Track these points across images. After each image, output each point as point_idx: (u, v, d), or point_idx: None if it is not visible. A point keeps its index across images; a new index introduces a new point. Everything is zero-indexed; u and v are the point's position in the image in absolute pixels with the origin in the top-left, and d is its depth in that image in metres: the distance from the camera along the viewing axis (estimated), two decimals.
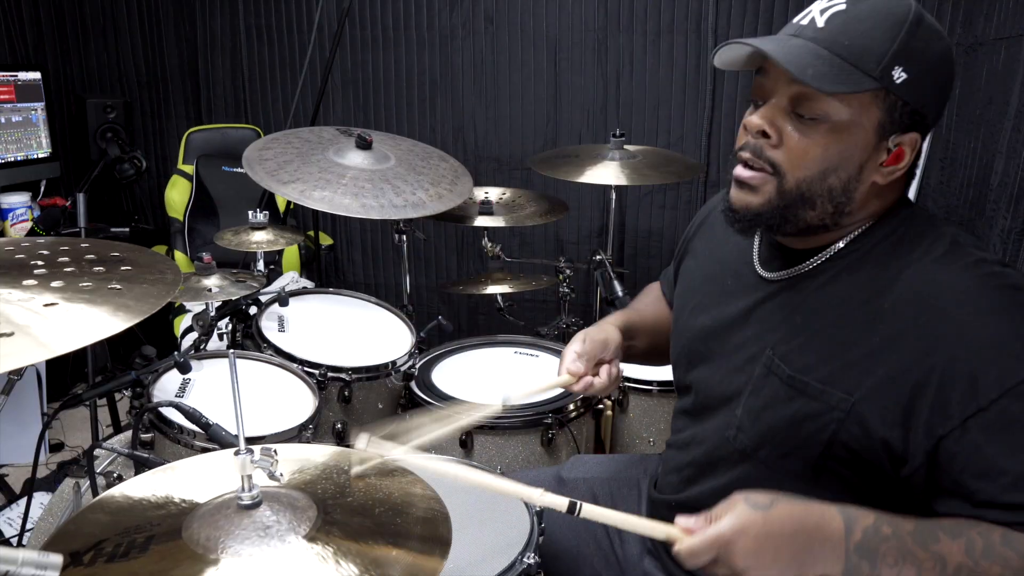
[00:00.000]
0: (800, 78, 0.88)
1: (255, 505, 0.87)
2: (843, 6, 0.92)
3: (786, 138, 0.94)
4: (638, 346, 1.32)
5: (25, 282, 0.84)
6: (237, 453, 0.87)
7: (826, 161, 0.92)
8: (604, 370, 1.23)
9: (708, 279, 1.19)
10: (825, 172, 0.93)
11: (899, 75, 0.89)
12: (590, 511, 0.94)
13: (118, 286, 0.87)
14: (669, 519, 1.17)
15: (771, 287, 1.05)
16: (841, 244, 0.99)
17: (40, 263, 0.89)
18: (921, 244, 0.94)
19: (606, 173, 2.26)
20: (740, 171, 0.98)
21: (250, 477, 0.88)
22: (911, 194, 1.05)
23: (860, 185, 0.94)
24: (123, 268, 0.92)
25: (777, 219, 0.97)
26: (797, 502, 0.88)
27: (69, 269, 0.89)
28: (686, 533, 0.89)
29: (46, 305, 0.80)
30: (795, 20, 0.96)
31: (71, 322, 0.78)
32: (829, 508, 0.87)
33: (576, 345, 1.22)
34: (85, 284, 0.86)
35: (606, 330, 1.26)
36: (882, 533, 0.85)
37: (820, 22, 0.92)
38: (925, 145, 1.01)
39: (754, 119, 0.96)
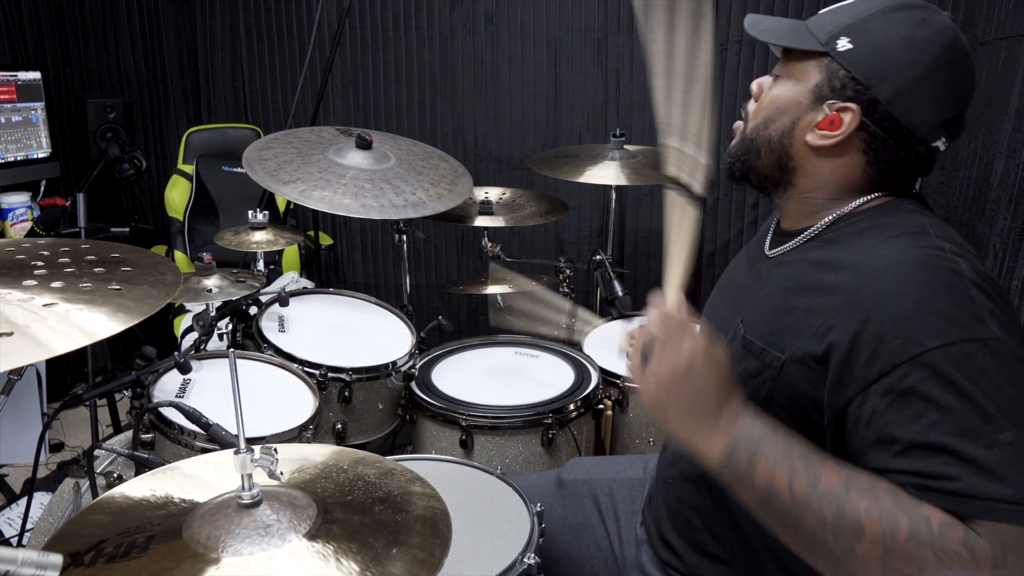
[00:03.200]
0: (752, 33, 1.06)
1: (255, 504, 0.87)
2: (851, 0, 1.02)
3: (762, 94, 1.08)
4: None
5: (25, 282, 0.84)
6: (237, 452, 0.87)
7: (769, 111, 1.04)
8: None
9: (730, 269, 1.28)
10: (768, 120, 1.04)
11: (843, 44, 0.97)
12: None
13: (118, 287, 0.87)
14: (666, 495, 1.19)
15: (767, 263, 1.11)
16: (821, 224, 1.03)
17: (40, 263, 0.89)
18: (887, 229, 0.96)
19: (606, 173, 2.26)
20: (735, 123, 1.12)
21: (250, 476, 0.88)
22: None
23: (794, 140, 1.02)
24: (123, 269, 0.92)
25: (740, 163, 1.09)
26: (731, 374, 0.92)
27: (69, 270, 0.89)
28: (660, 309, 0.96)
29: (45, 305, 0.80)
30: None
31: (71, 322, 0.78)
32: (745, 399, 0.92)
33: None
34: (85, 285, 0.86)
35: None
36: (775, 436, 0.87)
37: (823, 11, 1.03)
38: None
39: (752, 83, 1.11)
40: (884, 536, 0.78)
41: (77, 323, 0.78)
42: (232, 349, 1.87)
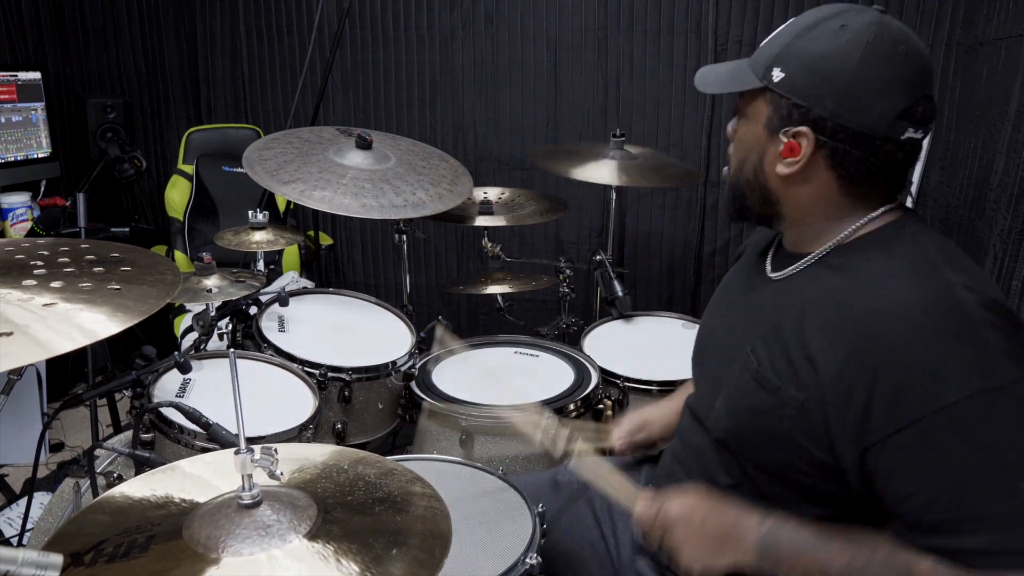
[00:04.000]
0: (700, 88, 1.12)
1: (255, 504, 0.87)
2: (784, 26, 1.04)
3: (736, 131, 1.11)
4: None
5: (25, 282, 0.83)
6: (237, 452, 0.87)
7: (740, 153, 1.09)
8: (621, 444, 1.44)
9: (726, 285, 1.27)
10: (740, 163, 1.08)
11: (777, 74, 0.99)
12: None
13: (118, 287, 0.87)
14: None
15: (771, 286, 1.10)
16: (825, 248, 1.03)
17: (40, 263, 0.89)
18: (895, 258, 0.96)
19: (605, 172, 2.26)
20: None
21: (250, 476, 0.88)
22: (911, 193, 1.07)
23: (767, 175, 1.04)
24: (123, 269, 0.92)
25: (733, 205, 1.12)
26: (723, 502, 1.03)
27: (69, 269, 0.89)
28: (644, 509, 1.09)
29: (45, 305, 0.80)
30: None
31: (70, 322, 0.78)
32: (747, 509, 1.01)
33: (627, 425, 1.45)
34: (85, 284, 0.85)
35: (666, 410, 1.44)
36: (781, 532, 0.97)
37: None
38: (924, 143, 1.01)
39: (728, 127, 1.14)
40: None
41: (77, 323, 0.78)
42: (232, 349, 1.87)
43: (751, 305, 1.12)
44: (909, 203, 2.38)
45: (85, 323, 0.79)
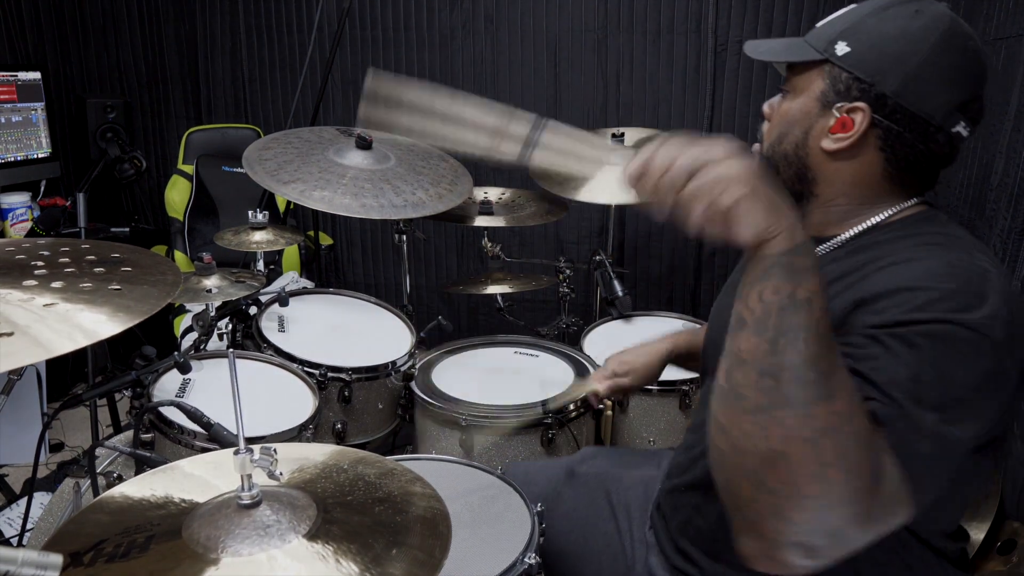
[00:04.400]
0: (752, 55, 1.08)
1: (255, 504, 0.87)
2: (844, 9, 1.03)
3: (773, 114, 1.09)
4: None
5: (25, 282, 0.83)
6: (237, 452, 0.87)
7: (781, 126, 1.05)
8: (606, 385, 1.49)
9: (741, 269, 1.23)
10: (781, 136, 1.05)
11: (841, 48, 0.98)
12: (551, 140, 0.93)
13: (118, 287, 0.87)
14: (676, 504, 1.19)
15: None
16: (850, 233, 1.03)
17: (40, 264, 0.89)
18: (921, 237, 0.96)
19: (604, 184, 2.23)
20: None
21: (250, 476, 0.88)
22: None
23: (809, 149, 1.02)
24: (123, 269, 0.92)
25: None
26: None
27: (69, 270, 0.89)
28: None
29: (46, 305, 0.80)
30: None
31: (71, 323, 0.78)
32: None
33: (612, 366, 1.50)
34: (85, 285, 0.85)
35: (655, 353, 1.52)
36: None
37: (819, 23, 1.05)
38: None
39: (763, 106, 1.11)
40: (845, 414, 0.75)
41: (77, 323, 0.78)
42: (232, 349, 1.87)
43: None
44: None
45: (85, 323, 0.79)
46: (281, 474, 0.89)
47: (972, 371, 0.82)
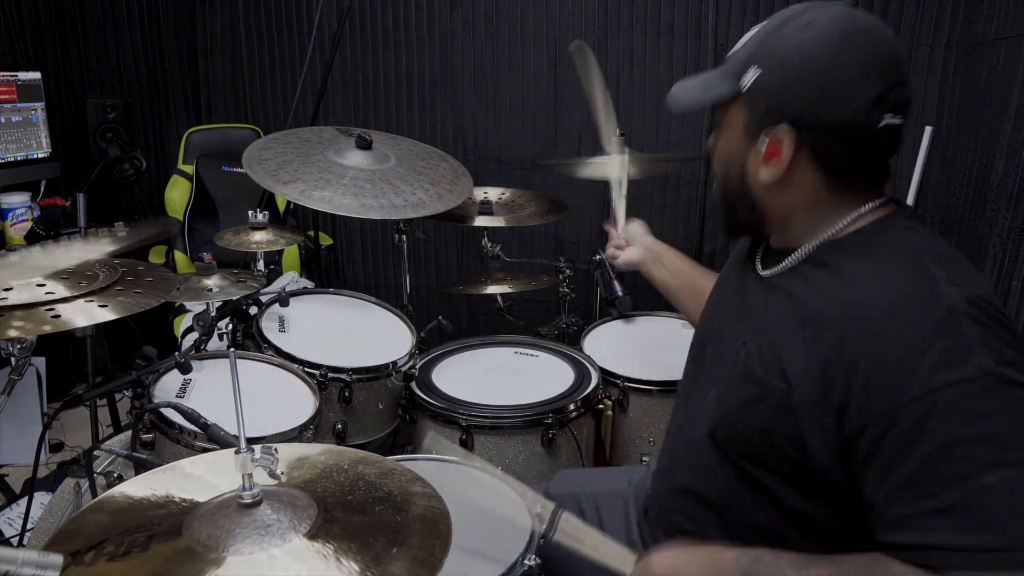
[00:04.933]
0: (674, 108, 1.08)
1: (256, 504, 0.87)
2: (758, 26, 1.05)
3: (712, 152, 1.11)
4: (669, 280, 1.57)
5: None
6: (238, 452, 0.87)
7: (721, 164, 1.08)
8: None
9: (722, 282, 1.27)
10: (724, 176, 1.08)
11: (749, 78, 0.99)
12: (567, 528, 1.12)
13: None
14: (662, 507, 1.21)
15: (763, 284, 1.10)
16: (812, 245, 1.03)
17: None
18: (881, 256, 0.96)
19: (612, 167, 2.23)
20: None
21: (251, 476, 0.88)
22: (911, 194, 1.06)
23: (752, 182, 1.03)
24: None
25: (729, 225, 1.14)
26: (703, 546, 1.02)
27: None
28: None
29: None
30: None
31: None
32: (728, 546, 0.99)
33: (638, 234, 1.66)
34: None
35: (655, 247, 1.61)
36: (763, 558, 0.94)
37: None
38: (924, 145, 1.02)
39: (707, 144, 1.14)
40: None
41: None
42: (232, 349, 1.87)
43: (743, 302, 1.12)
44: (910, 202, 2.38)
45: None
46: (282, 474, 0.89)
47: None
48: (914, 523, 0.83)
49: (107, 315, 1.19)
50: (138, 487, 0.97)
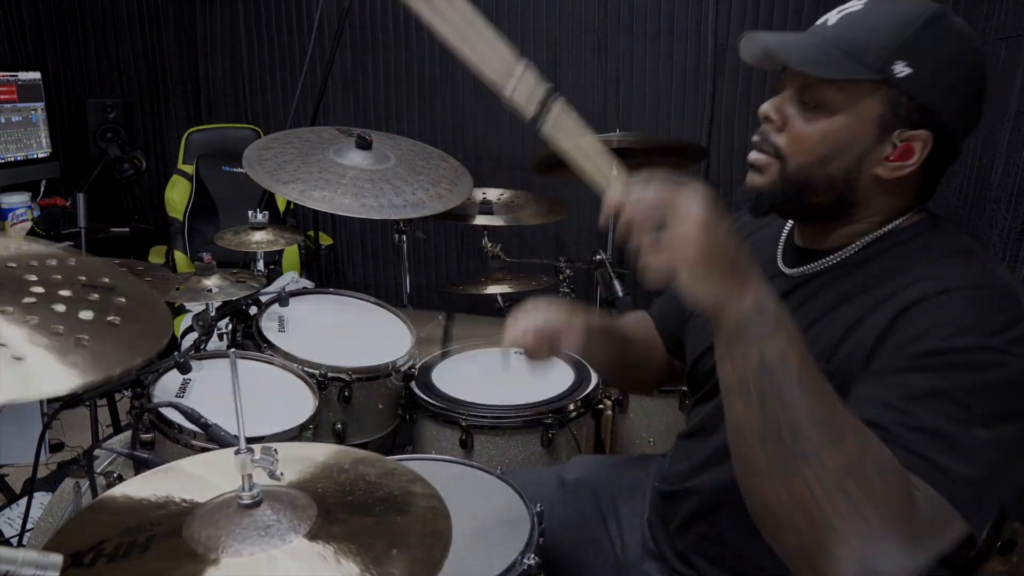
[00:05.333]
0: (791, 64, 0.94)
1: (256, 504, 0.87)
2: (859, 7, 0.94)
3: (789, 124, 0.97)
4: (599, 354, 1.33)
5: (24, 300, 0.71)
6: (237, 452, 0.87)
7: (824, 148, 0.95)
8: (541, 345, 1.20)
9: None
10: (824, 159, 0.95)
11: (901, 69, 0.90)
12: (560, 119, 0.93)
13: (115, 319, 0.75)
14: (677, 509, 1.18)
15: (790, 283, 1.06)
16: (856, 245, 1.00)
17: (34, 278, 0.76)
18: (933, 248, 0.95)
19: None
20: (752, 155, 1.03)
21: (250, 476, 0.88)
22: None
23: (861, 176, 0.95)
24: (117, 300, 0.79)
25: (782, 200, 1.00)
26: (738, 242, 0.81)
27: (64, 292, 0.75)
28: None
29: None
30: (819, 20, 0.99)
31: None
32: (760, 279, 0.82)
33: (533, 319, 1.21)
34: (85, 314, 0.73)
35: (578, 322, 1.26)
36: (793, 321, 0.80)
37: (832, 21, 0.95)
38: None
39: (763, 106, 1.00)
40: (859, 453, 0.75)
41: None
42: (232, 349, 1.87)
43: None
44: None
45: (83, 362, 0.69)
46: (282, 474, 0.89)
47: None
48: (917, 431, 0.80)
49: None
50: (138, 487, 0.97)
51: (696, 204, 0.78)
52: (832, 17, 0.96)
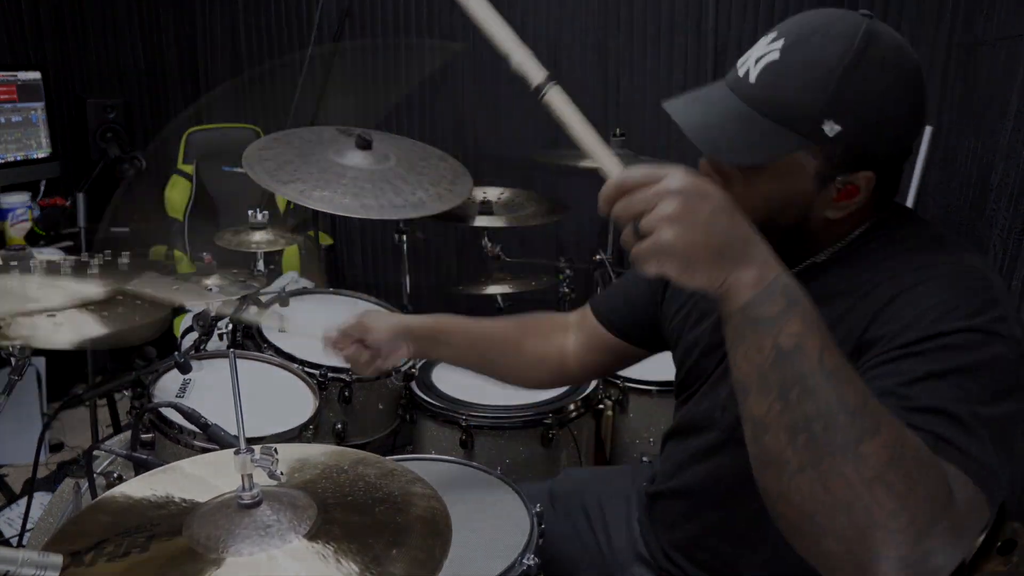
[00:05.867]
0: (720, 158, 0.93)
1: (255, 504, 0.87)
2: (776, 56, 0.90)
3: (731, 184, 0.94)
4: (446, 352, 1.37)
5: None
6: (237, 452, 0.87)
7: (767, 209, 0.92)
8: (355, 347, 1.30)
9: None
10: (771, 215, 0.93)
11: (831, 128, 0.87)
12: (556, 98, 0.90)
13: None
14: (662, 510, 1.19)
15: None
16: (821, 256, 0.99)
17: None
18: (906, 242, 0.95)
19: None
20: None
21: (250, 476, 0.88)
22: (911, 194, 1.05)
23: (812, 221, 0.95)
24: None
25: None
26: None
27: None
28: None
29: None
30: (739, 63, 0.95)
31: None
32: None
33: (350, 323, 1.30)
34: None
35: (390, 321, 1.31)
36: (810, 301, 0.75)
37: (753, 76, 0.91)
38: (924, 145, 1.01)
39: (701, 164, 0.99)
40: (897, 442, 0.69)
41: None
42: (232, 349, 1.87)
43: None
44: (910, 202, 2.38)
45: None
46: (282, 474, 0.89)
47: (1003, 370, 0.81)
48: (930, 411, 0.77)
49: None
50: (138, 487, 0.97)
51: (675, 182, 0.73)
52: (752, 69, 0.91)
